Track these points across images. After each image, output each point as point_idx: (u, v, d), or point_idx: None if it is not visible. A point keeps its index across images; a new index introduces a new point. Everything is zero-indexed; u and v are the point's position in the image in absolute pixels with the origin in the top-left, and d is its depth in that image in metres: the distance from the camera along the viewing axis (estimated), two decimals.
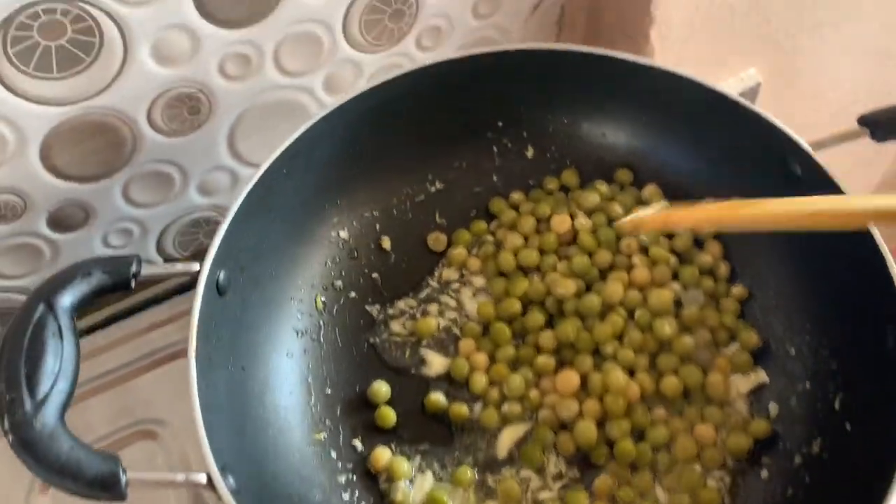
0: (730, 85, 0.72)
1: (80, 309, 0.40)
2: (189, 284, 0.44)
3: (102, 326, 0.58)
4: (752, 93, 0.74)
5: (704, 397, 0.49)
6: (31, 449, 0.35)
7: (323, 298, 0.53)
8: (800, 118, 0.68)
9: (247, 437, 0.44)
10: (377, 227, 0.56)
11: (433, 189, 0.57)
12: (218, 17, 0.50)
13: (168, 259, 0.63)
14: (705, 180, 0.53)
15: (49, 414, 0.36)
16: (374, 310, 0.55)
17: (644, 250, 0.53)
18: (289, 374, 0.50)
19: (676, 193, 0.55)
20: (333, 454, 0.48)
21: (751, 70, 0.74)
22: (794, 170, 0.47)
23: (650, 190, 0.56)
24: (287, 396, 0.49)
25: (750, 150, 0.50)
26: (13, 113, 0.48)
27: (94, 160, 0.53)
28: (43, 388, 0.36)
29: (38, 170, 0.51)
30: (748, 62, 0.74)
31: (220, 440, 0.40)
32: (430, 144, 0.56)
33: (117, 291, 0.41)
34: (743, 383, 0.49)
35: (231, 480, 0.39)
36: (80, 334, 0.56)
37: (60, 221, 0.55)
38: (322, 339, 0.52)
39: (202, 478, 0.37)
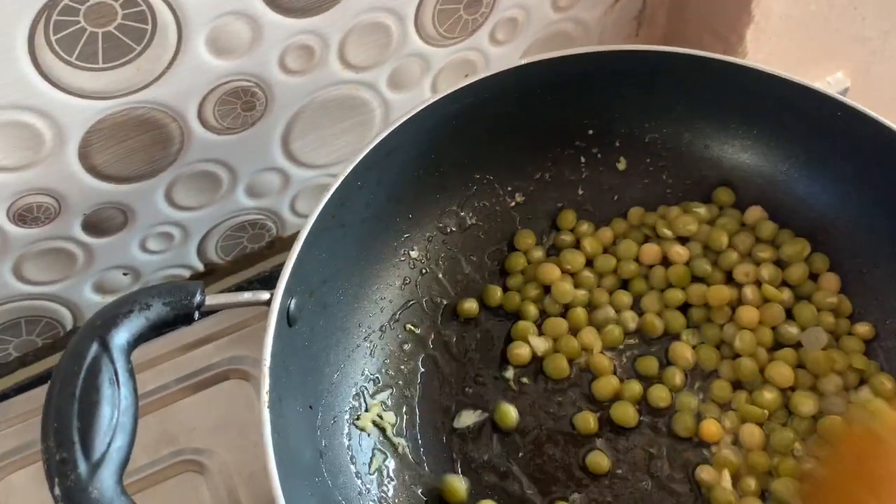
0: None
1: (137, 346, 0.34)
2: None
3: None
4: None
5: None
6: None
7: (393, 324, 0.48)
8: None
9: (318, 488, 0.39)
10: (450, 244, 0.51)
11: (512, 202, 0.52)
12: (283, 3, 0.45)
13: (209, 264, 0.58)
14: (822, 205, 0.48)
15: (106, 478, 0.30)
16: None
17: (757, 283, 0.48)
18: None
19: (786, 219, 0.49)
20: None
21: (838, 74, 0.69)
22: None
23: (755, 213, 0.50)
24: (357, 437, 0.43)
25: (880, 175, 0.44)
26: (52, 106, 0.43)
27: (136, 159, 0.48)
28: (99, 447, 0.30)
29: (76, 169, 0.46)
30: (836, 65, 0.68)
31: (296, 497, 0.34)
32: (511, 154, 0.51)
33: (178, 325, 0.36)
34: None
35: None
36: None
37: (97, 225, 0.50)
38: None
39: None
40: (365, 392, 0.45)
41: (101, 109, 0.44)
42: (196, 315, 0.36)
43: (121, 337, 0.33)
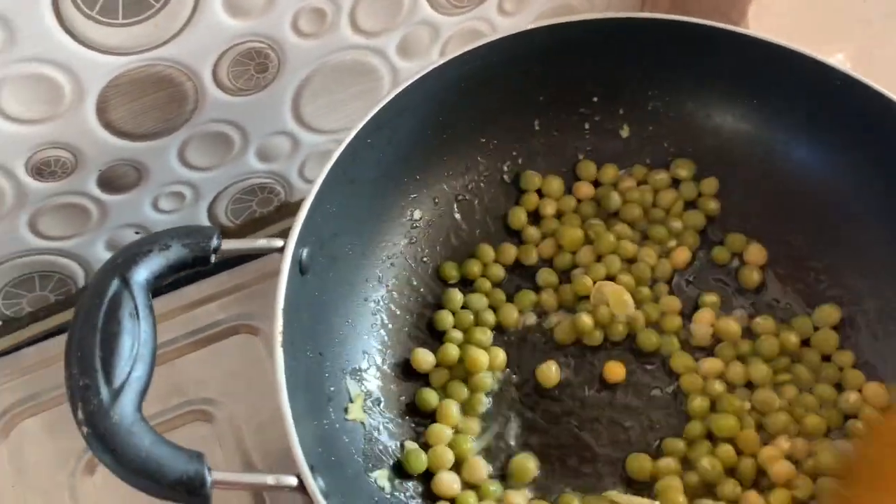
0: None
1: (156, 285, 0.36)
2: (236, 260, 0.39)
3: None
4: None
5: None
6: (108, 444, 0.31)
7: (397, 280, 0.49)
8: None
9: (326, 431, 0.40)
10: (455, 205, 0.52)
11: (515, 167, 0.53)
12: None
13: (218, 227, 0.59)
14: (820, 172, 0.49)
15: (127, 404, 0.32)
16: None
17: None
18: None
19: (784, 188, 0.51)
20: None
21: (839, 56, 0.70)
22: None
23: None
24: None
25: (877, 143, 0.46)
26: (73, 61, 0.44)
27: (152, 117, 0.49)
28: (119, 375, 0.32)
29: (93, 125, 0.47)
30: (837, 48, 0.69)
31: (305, 437, 0.36)
32: (517, 119, 0.52)
33: (196, 267, 0.37)
34: None
35: (321, 482, 0.35)
36: None
37: (111, 181, 0.51)
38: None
39: (292, 481, 0.33)
40: (373, 348, 0.47)
41: (120, 65, 0.45)
42: (212, 258, 0.37)
43: (140, 274, 0.35)
